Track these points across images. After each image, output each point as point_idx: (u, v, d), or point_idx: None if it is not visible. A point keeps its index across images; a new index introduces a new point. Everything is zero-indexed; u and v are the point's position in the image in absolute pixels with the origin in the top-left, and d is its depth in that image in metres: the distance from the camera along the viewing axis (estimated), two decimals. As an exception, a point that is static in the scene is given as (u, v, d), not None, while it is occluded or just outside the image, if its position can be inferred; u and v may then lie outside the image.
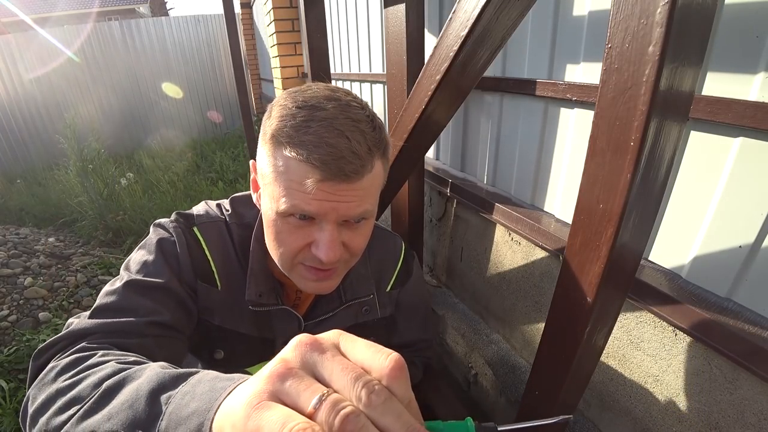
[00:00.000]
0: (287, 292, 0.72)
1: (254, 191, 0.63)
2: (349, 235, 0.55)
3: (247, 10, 5.91)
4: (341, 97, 0.51)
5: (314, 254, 0.54)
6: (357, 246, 0.57)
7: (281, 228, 0.54)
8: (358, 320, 0.78)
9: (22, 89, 5.88)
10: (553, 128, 1.00)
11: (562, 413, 0.65)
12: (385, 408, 0.24)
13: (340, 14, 2.26)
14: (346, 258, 0.58)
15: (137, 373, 0.40)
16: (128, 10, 19.96)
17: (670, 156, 0.46)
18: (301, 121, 0.48)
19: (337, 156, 0.47)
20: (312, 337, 0.29)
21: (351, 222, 0.54)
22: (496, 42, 0.70)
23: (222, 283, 0.66)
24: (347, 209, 0.51)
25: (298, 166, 0.48)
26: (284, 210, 0.51)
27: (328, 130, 0.47)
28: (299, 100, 0.50)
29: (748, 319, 0.64)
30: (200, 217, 0.67)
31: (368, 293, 0.77)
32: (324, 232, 0.52)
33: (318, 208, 0.50)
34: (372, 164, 0.51)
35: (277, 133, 0.49)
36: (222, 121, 7.29)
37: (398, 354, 0.26)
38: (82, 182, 3.32)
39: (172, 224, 0.65)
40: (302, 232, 0.53)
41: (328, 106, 0.49)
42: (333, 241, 0.52)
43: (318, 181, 0.48)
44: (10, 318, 2.07)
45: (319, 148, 0.47)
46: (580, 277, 0.51)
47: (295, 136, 0.48)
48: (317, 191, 0.48)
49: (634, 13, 0.38)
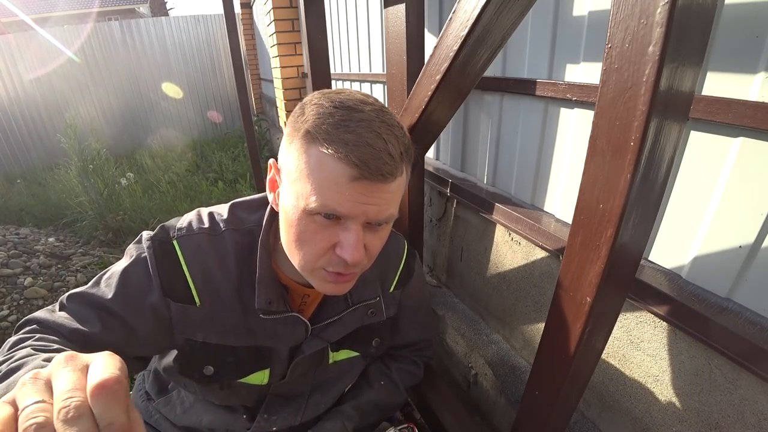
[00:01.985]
0: (293, 297, 0.71)
1: (271, 190, 0.62)
2: (370, 237, 0.55)
3: (247, 10, 5.91)
4: (374, 102, 0.53)
5: (338, 255, 0.53)
6: (375, 249, 0.58)
7: (306, 227, 0.53)
8: (364, 322, 0.78)
9: (22, 89, 5.89)
10: (553, 128, 1.00)
11: (562, 413, 0.65)
12: (69, 425, 0.26)
13: (340, 14, 2.26)
14: (365, 262, 0.58)
15: (26, 363, 0.45)
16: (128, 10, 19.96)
17: (670, 156, 0.46)
18: (339, 119, 0.49)
19: (376, 156, 0.48)
20: (70, 354, 0.31)
21: (373, 225, 0.54)
22: (496, 42, 0.70)
23: (202, 298, 0.63)
24: (377, 212, 0.52)
25: (334, 163, 0.48)
26: (313, 208, 0.50)
27: (367, 131, 0.48)
28: (336, 100, 0.51)
29: (748, 319, 0.64)
30: (181, 229, 0.64)
31: (374, 296, 0.77)
32: (350, 232, 0.52)
33: (350, 210, 0.50)
34: (402, 169, 0.53)
35: (313, 130, 0.49)
36: (222, 121, 7.29)
37: (113, 375, 0.28)
38: (83, 182, 3.32)
39: (147, 242, 0.63)
40: (327, 232, 0.53)
41: (365, 109, 0.50)
42: (358, 241, 0.52)
43: (354, 179, 0.48)
44: (10, 318, 2.07)
45: (359, 147, 0.47)
46: (580, 277, 0.51)
47: (333, 133, 0.48)
48: (351, 191, 0.49)
49: (634, 13, 0.38)
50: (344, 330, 0.75)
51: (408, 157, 0.54)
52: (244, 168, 4.76)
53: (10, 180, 5.21)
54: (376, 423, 0.91)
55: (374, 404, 0.86)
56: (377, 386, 0.87)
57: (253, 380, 0.72)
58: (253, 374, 0.72)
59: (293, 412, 0.79)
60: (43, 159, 6.08)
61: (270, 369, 0.72)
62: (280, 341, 0.70)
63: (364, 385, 0.87)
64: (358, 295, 0.75)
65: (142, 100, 6.77)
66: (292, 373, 0.73)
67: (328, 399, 0.83)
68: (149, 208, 3.57)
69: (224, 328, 0.66)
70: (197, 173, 4.81)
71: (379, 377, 0.89)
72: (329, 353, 0.77)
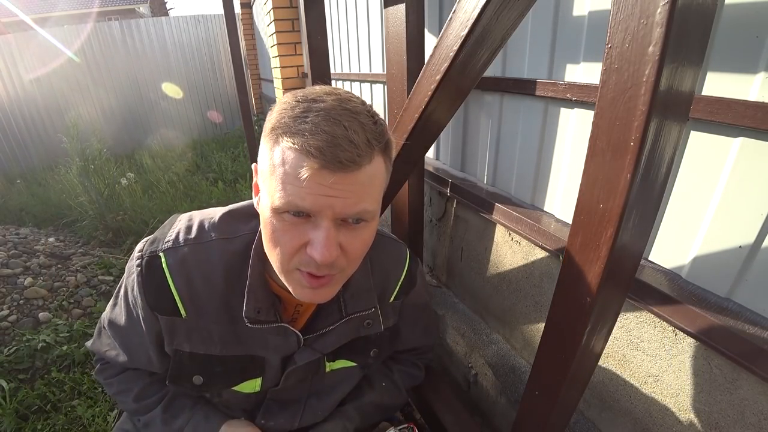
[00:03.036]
0: (285, 307, 0.70)
1: (255, 194, 0.61)
2: (347, 237, 0.52)
3: (247, 10, 5.91)
4: (341, 93, 0.51)
5: (309, 255, 0.50)
6: (355, 252, 0.54)
7: (276, 226, 0.51)
8: (360, 334, 0.76)
9: (22, 89, 5.88)
10: (553, 128, 1.00)
11: (562, 413, 0.65)
12: None
13: (340, 14, 2.26)
14: (343, 264, 0.54)
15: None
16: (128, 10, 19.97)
17: (670, 156, 0.46)
18: (299, 112, 0.48)
19: (333, 143, 0.45)
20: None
21: (349, 223, 0.51)
22: (496, 42, 0.70)
23: (188, 310, 0.64)
24: (344, 206, 0.48)
25: (293, 156, 0.47)
26: (279, 206, 0.49)
27: (325, 120, 0.46)
28: (299, 95, 0.50)
29: (748, 319, 0.64)
30: (168, 242, 0.64)
31: (370, 306, 0.74)
32: (319, 230, 0.49)
33: (312, 204, 0.47)
34: (371, 157, 0.49)
35: (275, 126, 0.49)
36: (222, 121, 7.29)
37: None
38: (83, 182, 3.32)
39: (137, 260, 0.64)
40: (297, 231, 0.50)
41: (327, 99, 0.48)
42: (328, 239, 0.49)
43: (313, 170, 0.46)
44: (10, 318, 2.07)
45: (314, 136, 0.45)
46: (580, 277, 0.51)
47: (291, 125, 0.47)
48: (312, 183, 0.46)
49: (634, 13, 0.38)
50: (338, 341, 0.74)
51: (380, 146, 0.50)
52: (244, 168, 4.76)
53: (10, 180, 5.20)
54: (376, 423, 0.91)
55: (375, 405, 0.86)
56: (379, 387, 0.87)
57: (245, 389, 0.72)
58: (244, 383, 0.71)
59: (290, 417, 0.78)
60: (43, 159, 6.07)
61: (262, 378, 0.72)
62: (271, 351, 0.69)
63: (366, 386, 0.87)
64: (353, 305, 0.72)
65: (142, 100, 6.77)
66: (285, 382, 0.73)
67: (326, 406, 0.82)
68: (149, 208, 3.57)
69: (210, 338, 0.66)
70: (197, 173, 4.81)
71: (380, 379, 0.89)
72: (325, 363, 0.76)
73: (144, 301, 0.63)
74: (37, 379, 1.81)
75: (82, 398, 1.71)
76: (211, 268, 0.64)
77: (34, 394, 1.70)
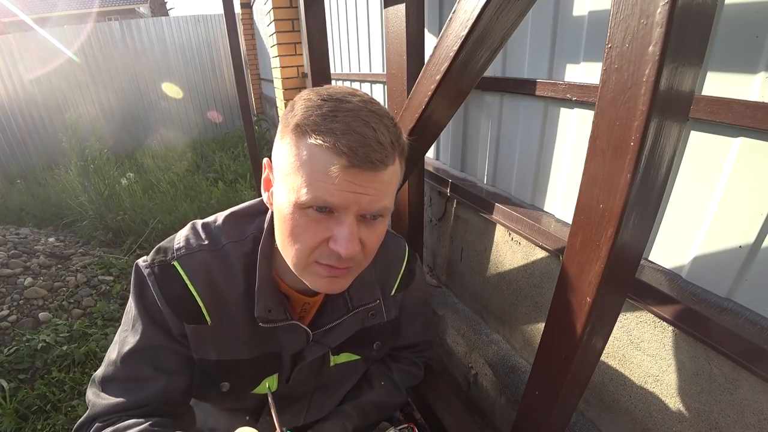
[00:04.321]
0: (293, 305, 0.71)
1: (266, 190, 0.61)
2: (365, 232, 0.54)
3: (247, 10, 5.91)
4: (363, 94, 0.53)
5: (332, 249, 0.52)
6: (372, 245, 0.56)
7: (298, 221, 0.52)
8: (364, 324, 0.78)
9: (22, 89, 5.89)
10: (553, 128, 1.00)
11: (562, 413, 0.65)
12: None
13: (340, 14, 2.26)
14: (360, 258, 0.56)
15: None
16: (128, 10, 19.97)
17: (670, 156, 0.46)
18: (327, 111, 0.49)
19: (365, 143, 0.47)
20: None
21: (368, 219, 0.53)
22: (496, 42, 0.70)
23: (212, 316, 0.63)
24: (369, 203, 0.50)
25: (323, 153, 0.48)
26: (305, 201, 0.49)
27: (354, 120, 0.48)
28: (323, 94, 0.51)
29: (748, 319, 0.64)
30: (180, 249, 0.63)
31: (375, 299, 0.76)
32: (344, 225, 0.51)
33: (341, 200, 0.49)
34: (394, 158, 0.52)
35: (302, 123, 0.49)
36: (222, 121, 7.30)
37: None
38: (83, 182, 3.32)
39: (146, 270, 0.62)
40: (320, 227, 0.52)
41: (353, 100, 0.50)
42: (352, 234, 0.51)
43: (344, 168, 0.47)
44: (10, 318, 2.07)
45: (346, 135, 0.47)
46: (580, 277, 0.51)
47: (322, 123, 0.48)
48: (341, 180, 0.48)
49: (634, 13, 0.38)
50: (345, 334, 0.75)
51: (400, 148, 0.53)
52: (244, 168, 4.76)
53: (10, 180, 5.21)
54: (376, 423, 0.91)
55: (375, 404, 0.86)
56: (378, 387, 0.87)
57: (263, 389, 0.73)
58: (264, 381, 0.72)
59: (296, 413, 0.79)
60: (43, 159, 6.08)
61: (278, 374, 0.72)
62: (283, 348, 0.70)
63: (365, 386, 0.87)
64: (359, 298, 0.73)
65: (142, 100, 6.77)
66: (295, 378, 0.73)
67: (331, 401, 0.83)
68: (149, 208, 3.57)
69: (236, 343, 0.66)
70: (197, 173, 4.81)
71: (379, 378, 0.89)
72: (330, 357, 0.77)
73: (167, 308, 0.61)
74: (37, 379, 1.81)
75: (82, 398, 1.71)
76: (230, 271, 0.64)
77: (34, 394, 1.70)
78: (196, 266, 0.62)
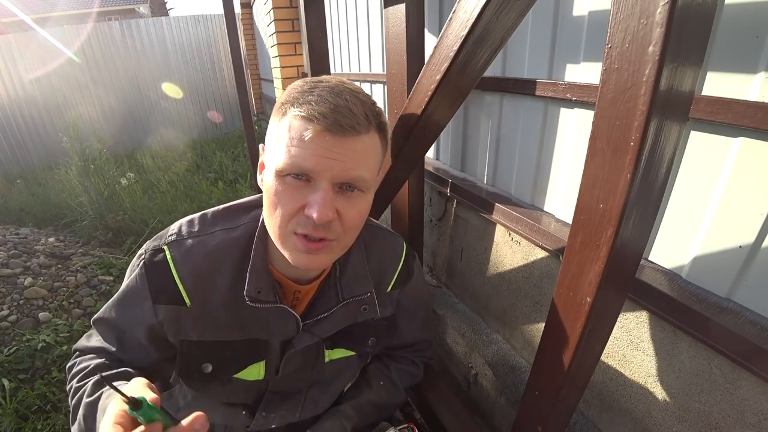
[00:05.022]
0: (285, 293, 0.72)
1: (259, 172, 0.64)
2: (342, 203, 0.57)
3: (247, 10, 5.91)
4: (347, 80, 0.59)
5: (307, 215, 0.54)
6: (351, 219, 0.58)
7: (278, 189, 0.56)
8: (357, 319, 0.78)
9: (22, 89, 5.88)
10: (553, 128, 1.00)
11: (562, 413, 0.65)
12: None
13: (340, 14, 2.26)
14: (338, 230, 0.58)
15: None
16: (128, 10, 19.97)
17: (670, 156, 0.46)
18: (308, 88, 0.55)
19: (335, 110, 0.52)
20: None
21: (345, 190, 0.56)
22: (496, 42, 0.70)
23: (192, 298, 0.65)
24: (342, 169, 0.54)
25: (298, 122, 0.53)
26: (282, 168, 0.54)
27: (329, 93, 0.54)
28: (308, 79, 0.58)
29: (748, 319, 0.64)
30: (172, 234, 0.68)
31: (366, 291, 0.77)
32: (317, 192, 0.54)
33: (314, 164, 0.53)
34: (367, 128, 0.56)
35: (284, 101, 0.56)
36: (222, 121, 7.29)
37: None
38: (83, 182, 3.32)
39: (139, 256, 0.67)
40: (298, 193, 0.55)
41: (332, 80, 0.57)
42: (325, 200, 0.53)
43: (316, 132, 0.52)
44: (10, 318, 2.07)
45: (320, 104, 0.52)
46: (580, 277, 0.51)
47: (299, 98, 0.54)
48: (313, 145, 0.52)
49: (634, 13, 0.38)
50: (335, 326, 0.76)
51: (376, 123, 0.57)
52: (244, 168, 4.76)
53: (10, 180, 5.20)
54: (376, 423, 0.91)
55: (373, 404, 0.86)
56: (377, 386, 0.87)
57: (250, 375, 0.73)
58: (250, 367, 0.72)
59: (291, 408, 0.79)
60: (43, 159, 6.07)
61: (265, 362, 0.73)
62: (271, 334, 0.71)
63: (364, 385, 0.87)
64: (350, 290, 0.75)
65: (142, 100, 6.77)
66: (284, 368, 0.74)
67: (327, 398, 0.83)
68: (149, 208, 3.57)
69: (217, 325, 0.68)
70: (197, 173, 4.81)
71: (378, 377, 0.89)
72: (324, 351, 0.77)
73: (147, 291, 0.65)
74: (37, 379, 1.81)
75: (82, 398, 1.71)
76: (216, 255, 0.67)
77: (34, 394, 1.70)
78: (183, 251, 0.66)
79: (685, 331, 0.71)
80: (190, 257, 0.65)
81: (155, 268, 0.65)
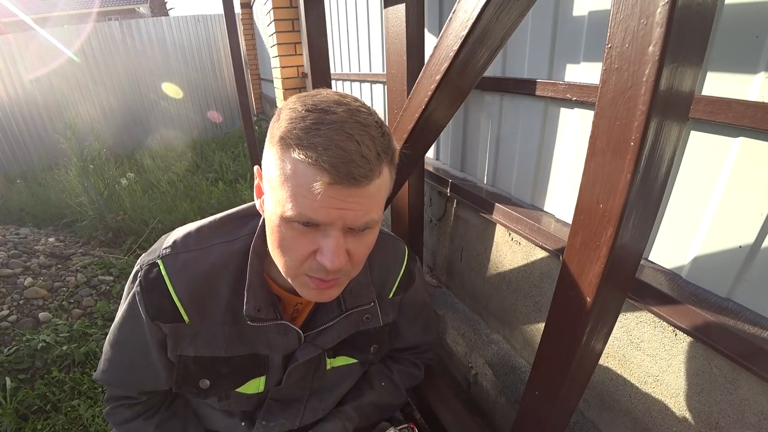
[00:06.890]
0: (285, 306, 0.70)
1: (258, 197, 0.62)
2: (353, 243, 0.54)
3: (247, 10, 5.91)
4: (350, 102, 0.51)
5: (319, 262, 0.52)
6: (360, 256, 0.56)
7: (285, 234, 0.52)
8: (359, 328, 0.77)
9: (22, 89, 5.88)
10: (553, 128, 1.00)
11: (562, 413, 0.65)
12: None
13: (340, 14, 2.26)
14: (349, 269, 0.56)
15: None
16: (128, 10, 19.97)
17: (670, 156, 0.46)
18: (310, 123, 0.47)
19: (347, 159, 0.46)
20: None
21: (355, 230, 0.53)
22: (496, 42, 0.70)
23: (190, 314, 0.64)
24: (354, 218, 0.50)
25: (306, 169, 0.47)
26: (290, 216, 0.49)
27: (338, 133, 0.47)
28: (308, 103, 0.50)
29: (748, 319, 0.64)
30: (167, 248, 0.65)
31: (369, 301, 0.75)
32: (329, 238, 0.51)
33: (325, 217, 0.49)
34: (380, 170, 0.50)
35: (285, 136, 0.49)
36: (222, 121, 7.29)
37: None
38: (83, 182, 3.32)
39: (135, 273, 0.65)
40: (307, 239, 0.52)
41: (337, 110, 0.48)
42: (338, 247, 0.51)
43: (326, 184, 0.46)
44: (10, 318, 2.07)
45: (328, 151, 0.46)
46: (580, 277, 0.51)
47: (304, 138, 0.47)
48: (325, 197, 0.47)
49: (634, 13, 0.38)
50: (338, 336, 0.74)
51: (388, 157, 0.52)
52: (244, 168, 4.76)
53: (10, 180, 5.20)
54: (376, 423, 0.91)
55: (375, 405, 0.86)
56: (378, 387, 0.87)
57: (250, 389, 0.72)
58: (249, 382, 0.71)
59: (291, 417, 0.79)
60: (43, 159, 6.07)
61: (266, 376, 0.72)
62: (273, 349, 0.70)
63: (365, 386, 0.87)
64: (352, 300, 0.73)
65: (142, 100, 6.77)
66: (287, 380, 0.73)
67: (327, 405, 0.82)
68: (149, 208, 3.57)
69: (215, 341, 0.66)
70: (197, 173, 4.81)
71: (380, 378, 0.89)
72: (326, 360, 0.77)
73: (145, 311, 0.63)
74: (37, 379, 1.81)
75: (82, 398, 1.71)
76: (214, 271, 0.64)
77: (34, 394, 1.70)
78: (178, 266, 0.63)
79: (685, 331, 0.71)
80: (187, 272, 0.63)
81: (151, 285, 0.63)
